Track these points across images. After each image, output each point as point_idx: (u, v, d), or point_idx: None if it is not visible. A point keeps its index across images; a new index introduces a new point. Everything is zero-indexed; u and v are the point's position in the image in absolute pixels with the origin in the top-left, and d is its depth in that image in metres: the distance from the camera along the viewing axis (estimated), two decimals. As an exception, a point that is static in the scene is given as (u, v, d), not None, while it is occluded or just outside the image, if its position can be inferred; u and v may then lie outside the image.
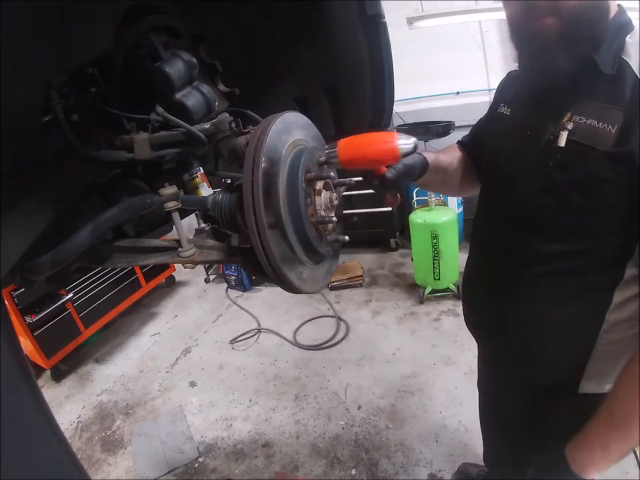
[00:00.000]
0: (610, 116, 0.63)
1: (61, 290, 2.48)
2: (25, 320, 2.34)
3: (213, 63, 0.80)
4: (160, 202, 0.64)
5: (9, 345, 0.46)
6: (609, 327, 0.73)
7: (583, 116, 0.66)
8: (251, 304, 3.19)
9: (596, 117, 0.65)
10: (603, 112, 0.64)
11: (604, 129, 0.64)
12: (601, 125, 0.64)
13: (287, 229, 0.56)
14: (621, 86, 0.64)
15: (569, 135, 0.67)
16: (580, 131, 0.66)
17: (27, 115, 0.51)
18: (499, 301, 0.88)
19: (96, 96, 0.66)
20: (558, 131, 0.68)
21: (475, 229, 0.98)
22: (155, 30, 0.67)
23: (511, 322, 0.86)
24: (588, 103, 0.66)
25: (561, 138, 0.68)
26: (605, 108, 0.64)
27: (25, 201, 0.56)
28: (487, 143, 0.90)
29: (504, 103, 0.86)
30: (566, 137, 0.67)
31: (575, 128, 0.67)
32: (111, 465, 1.94)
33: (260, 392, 2.26)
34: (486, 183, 0.93)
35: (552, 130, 0.69)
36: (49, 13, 0.44)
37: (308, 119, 0.68)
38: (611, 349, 0.75)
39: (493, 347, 0.98)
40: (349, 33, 0.88)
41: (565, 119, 0.68)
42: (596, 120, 0.65)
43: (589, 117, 0.66)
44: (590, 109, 0.66)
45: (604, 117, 0.64)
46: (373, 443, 1.83)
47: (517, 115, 0.81)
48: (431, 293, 2.79)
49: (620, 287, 0.72)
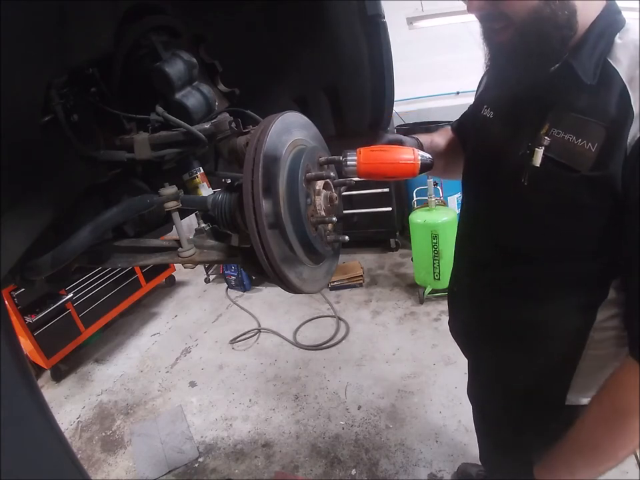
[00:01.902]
0: (590, 131, 0.57)
1: (61, 290, 2.48)
2: (25, 320, 2.34)
3: (213, 62, 0.80)
4: (160, 202, 0.64)
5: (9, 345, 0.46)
6: (594, 344, 0.71)
7: (560, 129, 0.61)
8: (251, 304, 3.19)
9: (575, 132, 0.59)
10: (582, 125, 0.59)
11: (582, 146, 0.58)
12: (579, 142, 0.58)
13: (287, 228, 0.55)
14: (604, 95, 0.57)
15: (545, 151, 0.62)
16: (557, 146, 0.61)
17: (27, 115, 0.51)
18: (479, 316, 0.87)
19: (96, 96, 0.66)
20: (534, 145, 0.64)
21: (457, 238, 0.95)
22: (154, 30, 0.67)
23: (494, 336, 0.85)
24: (567, 114, 0.61)
25: (537, 156, 0.63)
26: (585, 121, 0.58)
27: (25, 201, 0.56)
28: (469, 143, 0.89)
29: (486, 105, 0.81)
30: (542, 154, 0.63)
31: (552, 143, 0.62)
32: (111, 464, 1.94)
33: (260, 392, 2.26)
34: (465, 187, 0.90)
35: (528, 143, 0.65)
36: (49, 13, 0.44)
37: (308, 119, 0.68)
38: (595, 365, 0.73)
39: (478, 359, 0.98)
40: (349, 33, 0.88)
41: (543, 130, 0.63)
42: (574, 135, 0.59)
43: (567, 130, 0.60)
44: (569, 121, 0.60)
45: (583, 131, 0.58)
46: (373, 443, 1.83)
47: (497, 120, 0.77)
48: (431, 292, 2.79)
49: (604, 304, 0.68)
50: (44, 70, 0.48)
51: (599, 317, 0.69)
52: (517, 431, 0.88)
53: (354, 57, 0.91)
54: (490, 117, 0.79)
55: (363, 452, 1.80)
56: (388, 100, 0.98)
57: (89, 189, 0.69)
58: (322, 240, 0.62)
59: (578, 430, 0.67)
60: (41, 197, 0.59)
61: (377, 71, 0.93)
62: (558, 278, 0.70)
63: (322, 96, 0.98)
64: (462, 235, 0.94)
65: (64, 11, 0.45)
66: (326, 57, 0.89)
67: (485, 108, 0.82)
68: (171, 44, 0.69)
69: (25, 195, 0.56)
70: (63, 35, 0.47)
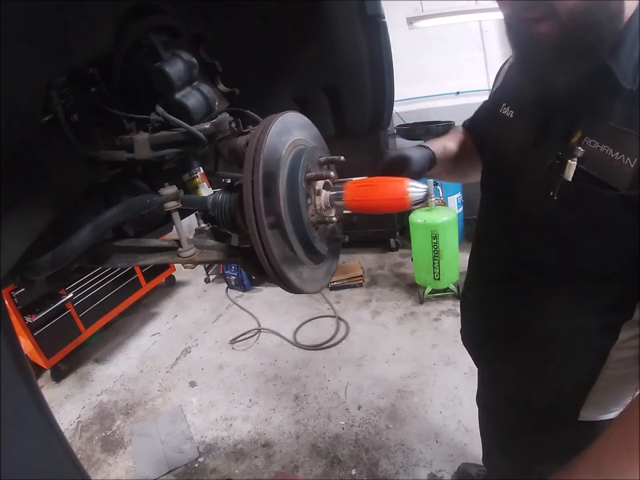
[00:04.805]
0: (629, 143, 0.51)
1: (61, 290, 2.48)
2: (25, 320, 2.34)
3: (213, 62, 0.80)
4: (160, 202, 0.64)
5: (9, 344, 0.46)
6: (613, 363, 0.68)
7: (595, 139, 0.55)
8: (251, 304, 3.19)
9: (611, 143, 0.53)
10: (620, 137, 0.52)
11: (621, 160, 0.52)
12: (617, 156, 0.52)
13: (287, 228, 0.55)
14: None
15: (579, 163, 0.56)
16: (592, 159, 0.55)
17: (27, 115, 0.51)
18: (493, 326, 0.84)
19: (96, 96, 0.66)
20: (565, 156, 0.57)
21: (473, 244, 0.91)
22: (154, 30, 0.67)
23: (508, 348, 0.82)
24: (602, 122, 0.54)
25: (569, 169, 0.57)
26: (623, 132, 0.52)
27: (25, 201, 0.56)
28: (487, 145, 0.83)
29: (506, 103, 0.75)
30: (575, 167, 0.56)
31: (586, 155, 0.55)
32: (111, 464, 1.94)
33: (260, 392, 2.26)
34: (484, 194, 0.85)
35: (558, 152, 0.59)
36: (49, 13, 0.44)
37: (308, 119, 0.68)
38: (613, 383, 0.70)
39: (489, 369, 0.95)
40: (349, 33, 0.88)
41: (575, 139, 0.57)
42: (611, 147, 0.53)
43: (602, 141, 0.54)
44: (604, 130, 0.54)
45: (621, 143, 0.52)
46: (373, 443, 1.83)
47: (520, 121, 0.71)
48: (431, 292, 2.79)
49: (627, 324, 0.65)
50: (44, 70, 0.48)
51: (621, 337, 0.66)
52: (528, 443, 0.86)
53: (354, 56, 0.91)
54: (510, 116, 0.73)
55: (363, 452, 1.80)
56: (388, 100, 0.98)
57: (89, 189, 0.69)
58: (322, 240, 0.62)
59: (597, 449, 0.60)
60: (40, 197, 0.58)
61: (376, 71, 0.93)
62: (582, 296, 0.67)
63: (322, 96, 0.98)
64: (479, 243, 0.89)
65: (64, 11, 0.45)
66: (326, 57, 0.89)
67: (504, 106, 0.75)
68: (171, 44, 0.69)
69: (25, 195, 0.56)
70: (63, 35, 0.47)
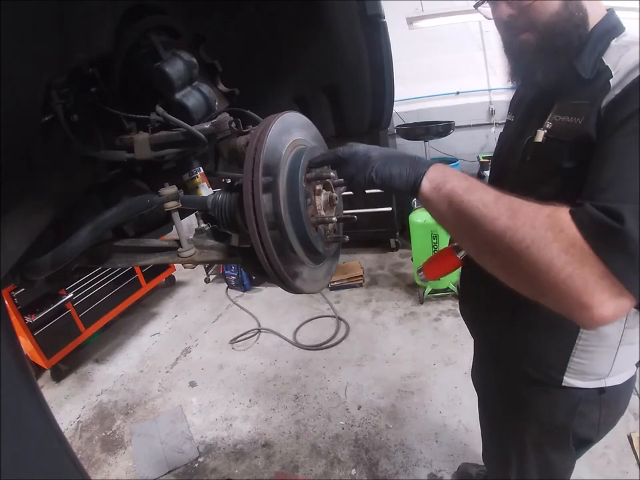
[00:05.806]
0: (581, 110, 0.66)
1: (60, 290, 2.48)
2: (25, 320, 2.34)
3: (213, 62, 0.80)
4: (160, 202, 0.64)
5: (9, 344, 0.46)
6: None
7: (560, 114, 0.70)
8: (251, 304, 3.19)
9: (570, 113, 0.68)
10: (576, 107, 0.67)
11: (573, 122, 0.66)
12: (573, 120, 0.67)
13: (287, 228, 0.55)
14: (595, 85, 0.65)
15: (547, 133, 0.71)
16: (556, 127, 0.70)
17: (27, 115, 0.51)
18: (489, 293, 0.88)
19: (96, 96, 0.66)
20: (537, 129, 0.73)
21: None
22: (154, 30, 0.68)
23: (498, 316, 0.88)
24: (567, 103, 0.70)
25: (538, 136, 0.72)
26: (579, 104, 0.67)
27: (25, 201, 0.56)
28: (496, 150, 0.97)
29: (510, 111, 0.91)
30: (543, 134, 0.72)
31: (553, 126, 0.71)
32: (111, 464, 1.94)
33: (260, 392, 2.26)
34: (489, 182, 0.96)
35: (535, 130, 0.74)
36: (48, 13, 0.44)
37: (308, 119, 0.68)
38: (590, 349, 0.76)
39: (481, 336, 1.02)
40: (349, 33, 0.88)
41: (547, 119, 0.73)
42: (569, 116, 0.68)
43: (564, 114, 0.69)
44: (568, 108, 0.69)
45: (575, 110, 0.67)
46: (373, 443, 1.83)
47: (516, 120, 0.86)
48: (431, 292, 2.79)
49: None
50: (44, 70, 0.48)
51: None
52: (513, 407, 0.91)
53: (354, 56, 0.91)
54: (511, 120, 0.89)
55: (363, 452, 1.80)
56: (388, 100, 0.98)
57: (89, 189, 0.70)
58: (322, 240, 0.62)
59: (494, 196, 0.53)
60: (41, 197, 0.59)
61: (376, 71, 0.93)
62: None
63: (322, 96, 0.98)
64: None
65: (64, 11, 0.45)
66: (326, 57, 0.89)
67: (509, 114, 0.91)
68: (171, 44, 0.69)
69: (25, 195, 0.56)
70: (63, 35, 0.47)
